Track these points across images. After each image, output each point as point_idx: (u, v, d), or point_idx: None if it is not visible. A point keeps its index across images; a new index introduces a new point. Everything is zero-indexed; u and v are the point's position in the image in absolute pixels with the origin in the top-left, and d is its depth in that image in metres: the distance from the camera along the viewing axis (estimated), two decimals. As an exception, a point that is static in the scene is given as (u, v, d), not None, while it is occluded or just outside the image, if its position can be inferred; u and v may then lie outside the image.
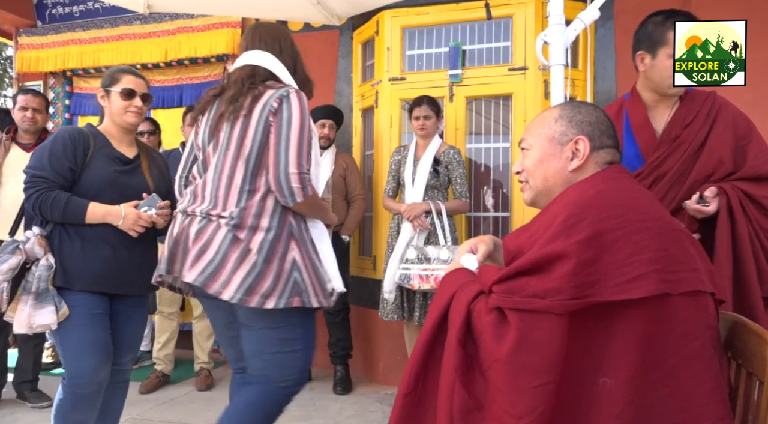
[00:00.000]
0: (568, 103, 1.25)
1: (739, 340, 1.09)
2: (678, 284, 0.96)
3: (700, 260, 1.04)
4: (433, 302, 1.16)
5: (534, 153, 1.20)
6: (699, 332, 0.97)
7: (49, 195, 1.84)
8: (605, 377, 0.93)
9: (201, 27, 4.14)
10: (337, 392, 3.34)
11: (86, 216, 1.87)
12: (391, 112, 3.57)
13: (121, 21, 4.36)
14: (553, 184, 1.17)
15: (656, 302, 0.95)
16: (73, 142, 1.91)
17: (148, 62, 4.27)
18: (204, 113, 1.75)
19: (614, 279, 0.95)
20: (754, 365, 1.02)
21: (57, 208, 1.84)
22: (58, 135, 1.94)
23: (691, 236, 1.07)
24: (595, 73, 3.41)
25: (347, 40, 3.94)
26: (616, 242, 0.97)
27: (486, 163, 3.53)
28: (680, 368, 0.94)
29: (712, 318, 1.01)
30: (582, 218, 1.00)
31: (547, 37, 1.85)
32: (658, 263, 0.96)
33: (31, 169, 1.88)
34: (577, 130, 1.16)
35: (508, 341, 0.96)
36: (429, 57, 3.60)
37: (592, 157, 1.16)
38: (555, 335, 0.94)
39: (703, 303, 1.00)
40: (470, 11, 3.40)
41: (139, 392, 3.30)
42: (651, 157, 1.74)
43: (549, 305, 0.95)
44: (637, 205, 1.04)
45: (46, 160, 1.87)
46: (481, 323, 1.03)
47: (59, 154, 1.88)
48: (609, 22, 3.39)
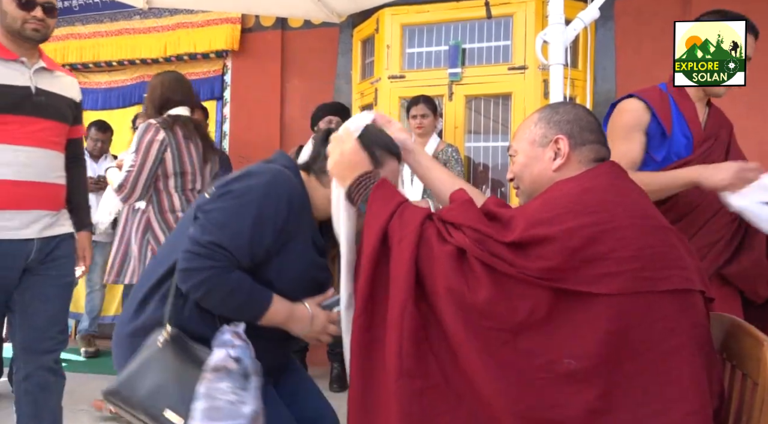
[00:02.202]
0: (548, 105, 1.26)
1: (735, 341, 1.09)
2: (660, 282, 0.97)
3: (690, 258, 1.05)
4: (370, 218, 1.11)
5: (519, 158, 1.23)
6: (682, 329, 0.97)
7: (229, 277, 1.17)
8: (570, 359, 0.94)
9: (200, 23, 4.14)
10: (333, 390, 3.34)
11: (265, 315, 1.22)
12: (390, 110, 3.57)
13: (121, 16, 4.35)
14: (540, 185, 1.19)
15: (630, 298, 0.95)
16: (290, 210, 1.24)
17: (148, 57, 4.27)
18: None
19: (589, 270, 0.96)
20: (748, 366, 1.02)
21: (234, 299, 1.19)
22: (277, 191, 1.23)
23: (679, 233, 1.08)
24: (595, 73, 3.41)
25: (347, 38, 3.93)
26: (600, 235, 0.98)
27: (485, 162, 3.52)
28: (657, 363, 0.95)
29: (700, 316, 1.02)
30: (569, 209, 1.02)
31: (547, 37, 1.85)
32: (638, 262, 0.97)
33: (214, 236, 1.17)
34: (556, 130, 1.17)
35: (484, 287, 0.97)
36: (429, 55, 3.59)
37: (575, 155, 1.16)
38: (525, 300, 0.96)
39: (690, 301, 1.00)
40: (470, 10, 3.40)
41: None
42: (699, 149, 1.78)
43: (516, 272, 0.97)
44: (626, 202, 1.05)
45: (247, 227, 1.18)
46: (434, 252, 1.03)
47: (268, 222, 1.21)
48: (609, 22, 3.38)
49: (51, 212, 1.92)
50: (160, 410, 1.12)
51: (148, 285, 1.26)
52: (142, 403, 1.14)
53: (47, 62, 1.97)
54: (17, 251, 1.83)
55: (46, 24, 1.89)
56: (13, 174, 1.81)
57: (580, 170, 1.15)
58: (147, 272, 1.33)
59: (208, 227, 1.19)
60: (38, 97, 1.87)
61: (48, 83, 1.93)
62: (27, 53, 1.89)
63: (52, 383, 1.95)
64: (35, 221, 1.87)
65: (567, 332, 0.95)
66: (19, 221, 1.83)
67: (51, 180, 1.92)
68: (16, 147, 1.82)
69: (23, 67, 1.87)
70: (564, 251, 0.97)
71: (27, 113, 1.85)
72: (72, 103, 2.04)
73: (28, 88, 1.86)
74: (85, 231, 2.14)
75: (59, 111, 1.96)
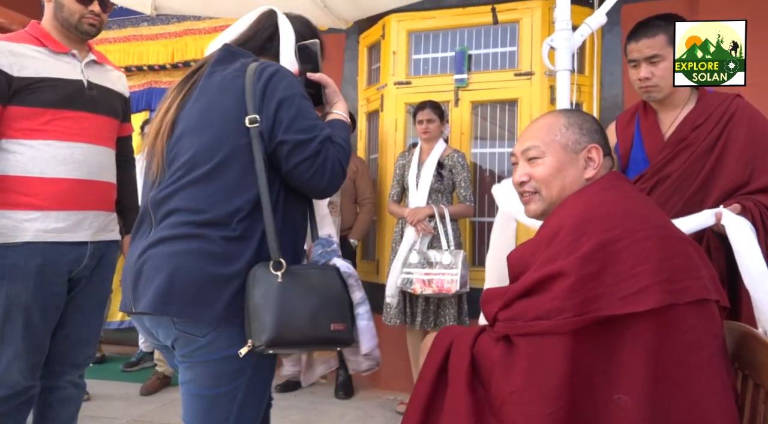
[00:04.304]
0: (568, 110, 1.26)
1: (747, 351, 1.07)
2: (683, 293, 0.95)
3: (704, 267, 1.03)
4: (430, 354, 1.14)
5: (549, 162, 1.16)
6: (707, 341, 0.95)
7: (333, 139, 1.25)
8: (620, 393, 0.91)
9: (208, 29, 4.16)
10: (339, 397, 3.32)
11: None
12: (396, 116, 3.57)
13: (129, 22, 4.38)
14: (567, 193, 1.14)
15: (662, 312, 0.93)
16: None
17: (155, 64, 4.29)
18: None
19: (619, 292, 0.93)
20: (762, 376, 1.00)
21: (346, 149, 1.27)
22: (291, 76, 1.26)
23: (693, 242, 1.06)
24: (602, 79, 3.39)
25: (353, 44, 3.94)
26: (618, 253, 0.96)
27: (491, 168, 3.51)
28: (688, 379, 0.93)
29: (718, 326, 1.00)
30: (583, 231, 1.00)
31: (554, 42, 1.84)
32: (662, 274, 0.95)
33: (318, 128, 1.21)
34: (589, 139, 1.16)
35: (520, 370, 0.95)
36: (435, 61, 3.59)
37: (602, 165, 1.17)
38: (561, 356, 0.93)
39: (708, 311, 0.99)
40: (477, 16, 3.39)
41: (140, 393, 3.29)
42: (655, 159, 1.72)
43: (552, 325, 0.93)
44: (638, 212, 1.03)
45: (314, 113, 1.26)
46: (489, 360, 1.02)
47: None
48: (616, 27, 3.37)
49: (105, 213, 1.84)
50: (327, 328, 1.15)
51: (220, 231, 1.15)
52: (309, 333, 1.13)
53: (97, 55, 1.92)
54: (73, 255, 1.73)
55: (101, 19, 1.86)
56: (70, 172, 1.72)
57: (599, 179, 1.15)
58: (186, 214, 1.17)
59: (311, 124, 1.21)
60: (91, 92, 1.80)
61: (99, 77, 1.87)
62: (78, 46, 1.84)
63: (72, 395, 1.88)
64: (90, 222, 1.77)
65: (612, 367, 0.93)
66: (74, 221, 1.72)
67: (106, 179, 1.83)
68: (71, 144, 1.72)
69: (75, 60, 1.81)
70: (577, 284, 0.94)
71: (80, 108, 1.77)
72: (122, 99, 1.98)
73: (81, 82, 1.79)
74: None
75: (111, 106, 1.89)
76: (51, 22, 1.81)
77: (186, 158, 1.18)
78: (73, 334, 1.82)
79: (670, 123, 1.76)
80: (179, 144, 1.21)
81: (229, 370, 1.14)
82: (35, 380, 1.73)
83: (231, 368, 1.14)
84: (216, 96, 1.21)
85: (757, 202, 1.58)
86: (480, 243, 3.45)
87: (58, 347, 1.79)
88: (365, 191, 3.47)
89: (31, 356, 1.69)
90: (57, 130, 1.71)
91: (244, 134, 1.18)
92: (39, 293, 1.67)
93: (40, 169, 1.68)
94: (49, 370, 1.80)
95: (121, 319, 4.18)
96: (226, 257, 1.14)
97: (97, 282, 1.85)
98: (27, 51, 1.72)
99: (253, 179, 1.17)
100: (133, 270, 1.17)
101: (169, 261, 1.13)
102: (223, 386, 1.15)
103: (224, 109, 1.19)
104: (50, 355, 1.78)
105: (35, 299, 1.67)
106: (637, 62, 1.73)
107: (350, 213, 3.44)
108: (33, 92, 1.68)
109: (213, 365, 1.14)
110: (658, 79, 1.69)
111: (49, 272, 1.69)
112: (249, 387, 1.17)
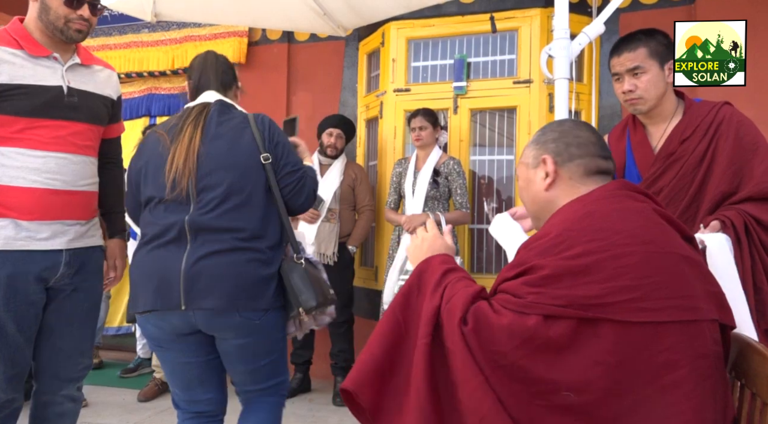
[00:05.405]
0: (541, 128, 1.28)
1: (744, 360, 1.07)
2: (658, 313, 0.93)
3: (702, 284, 1.00)
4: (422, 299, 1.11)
5: (520, 183, 1.27)
6: (686, 361, 0.93)
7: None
8: (569, 391, 0.92)
9: (208, 36, 4.17)
10: (337, 404, 3.31)
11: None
12: (395, 123, 3.58)
13: (129, 29, 4.39)
14: (539, 206, 1.21)
15: (628, 329, 0.92)
16: None
17: (155, 70, 4.30)
18: None
19: (580, 299, 0.93)
20: (757, 385, 1.00)
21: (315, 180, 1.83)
22: (270, 121, 1.77)
23: (691, 258, 1.02)
24: (600, 87, 3.41)
25: (353, 51, 3.96)
26: (598, 263, 0.96)
27: (490, 176, 3.52)
28: (655, 398, 0.92)
29: (707, 346, 0.96)
30: (566, 238, 1.01)
31: (552, 51, 1.85)
32: (636, 291, 0.93)
33: (300, 163, 1.77)
34: (542, 151, 1.19)
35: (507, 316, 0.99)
36: (434, 69, 3.60)
37: (564, 172, 1.16)
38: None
39: (694, 331, 0.95)
40: (476, 24, 3.41)
41: (137, 399, 3.28)
42: (646, 174, 1.72)
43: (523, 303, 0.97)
44: (626, 228, 1.01)
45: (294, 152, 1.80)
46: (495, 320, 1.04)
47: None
48: (614, 36, 3.39)
49: (81, 222, 1.76)
50: (331, 293, 1.73)
51: (265, 243, 1.64)
52: (330, 297, 1.71)
53: (83, 57, 1.80)
54: (46, 263, 1.67)
55: (90, 24, 1.73)
56: (42, 182, 1.66)
57: (573, 186, 1.14)
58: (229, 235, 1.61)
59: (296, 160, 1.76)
60: (70, 98, 1.71)
61: (82, 81, 1.77)
62: (62, 48, 1.72)
63: (70, 410, 1.82)
64: (64, 231, 1.70)
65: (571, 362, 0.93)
66: (47, 231, 1.66)
67: (81, 188, 1.75)
68: (46, 153, 1.66)
69: (56, 63, 1.70)
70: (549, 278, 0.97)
71: (57, 116, 1.69)
72: (108, 102, 1.87)
73: (60, 88, 1.69)
74: (118, 238, 1.96)
75: (93, 112, 1.79)
76: (34, 22, 1.70)
77: (222, 190, 1.59)
78: (66, 345, 1.76)
79: (659, 137, 1.76)
80: (209, 178, 1.60)
81: (274, 338, 1.70)
82: (17, 392, 1.67)
83: (276, 337, 1.70)
84: (233, 141, 1.65)
85: (741, 211, 1.57)
86: (478, 250, 3.46)
87: (51, 360, 1.75)
88: (364, 198, 3.47)
89: (9, 368, 1.64)
90: (31, 139, 1.65)
91: (260, 168, 1.66)
92: (11, 303, 1.62)
93: (11, 177, 1.62)
94: (45, 385, 1.77)
95: (118, 325, 4.17)
96: (270, 261, 1.62)
97: (85, 290, 1.80)
98: (2, 54, 1.63)
99: (271, 200, 1.67)
100: (186, 275, 1.54)
101: (231, 269, 1.56)
102: (269, 345, 1.70)
103: (243, 151, 1.64)
104: (44, 369, 1.75)
105: (7, 309, 1.61)
106: (620, 76, 1.74)
107: (349, 220, 3.44)
108: (5, 100, 1.61)
109: (267, 335, 1.66)
110: (642, 91, 1.70)
111: (21, 280, 1.63)
112: (282, 342, 1.75)
